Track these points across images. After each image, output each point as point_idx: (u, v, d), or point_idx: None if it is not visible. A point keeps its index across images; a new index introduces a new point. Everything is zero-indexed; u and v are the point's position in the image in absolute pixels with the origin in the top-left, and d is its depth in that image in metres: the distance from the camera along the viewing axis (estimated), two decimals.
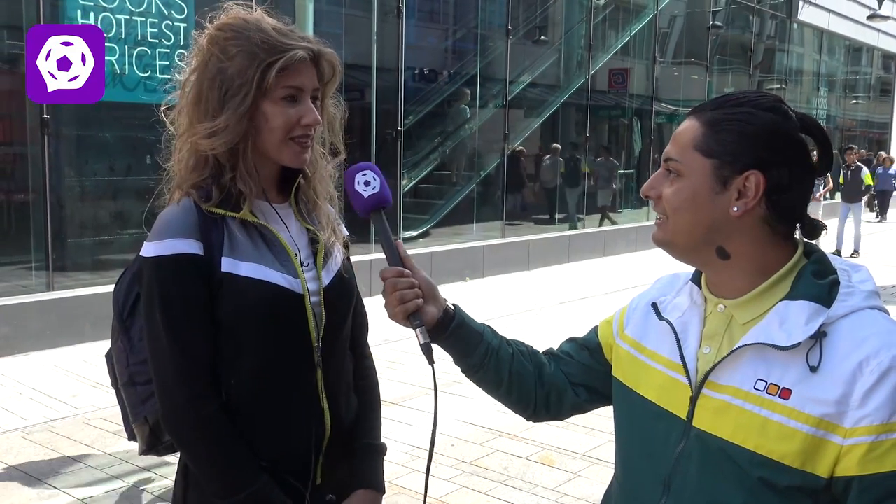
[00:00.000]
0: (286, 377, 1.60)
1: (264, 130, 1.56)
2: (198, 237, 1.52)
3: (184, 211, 1.54)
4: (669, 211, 1.29)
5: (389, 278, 1.43)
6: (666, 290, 1.45)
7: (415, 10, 11.41)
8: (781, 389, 1.18)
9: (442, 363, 1.49)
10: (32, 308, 6.96)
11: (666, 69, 16.80)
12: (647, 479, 1.34)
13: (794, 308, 1.21)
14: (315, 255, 1.66)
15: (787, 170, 1.23)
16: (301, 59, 1.54)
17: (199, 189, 1.56)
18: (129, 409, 1.68)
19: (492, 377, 1.53)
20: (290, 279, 1.58)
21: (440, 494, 4.22)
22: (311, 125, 1.58)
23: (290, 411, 1.60)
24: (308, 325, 1.60)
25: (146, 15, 7.54)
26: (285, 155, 1.59)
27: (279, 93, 1.54)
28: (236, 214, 1.56)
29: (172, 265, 1.51)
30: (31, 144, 7.29)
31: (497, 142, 12.16)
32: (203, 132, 1.53)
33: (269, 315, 1.56)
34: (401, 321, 1.44)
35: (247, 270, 1.54)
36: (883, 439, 1.11)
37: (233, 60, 1.52)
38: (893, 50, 25.98)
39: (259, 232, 1.59)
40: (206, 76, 1.55)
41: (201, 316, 1.52)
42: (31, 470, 4.49)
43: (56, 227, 7.36)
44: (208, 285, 1.52)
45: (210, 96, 1.54)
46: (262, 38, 1.52)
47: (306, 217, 1.69)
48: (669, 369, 1.34)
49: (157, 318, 1.51)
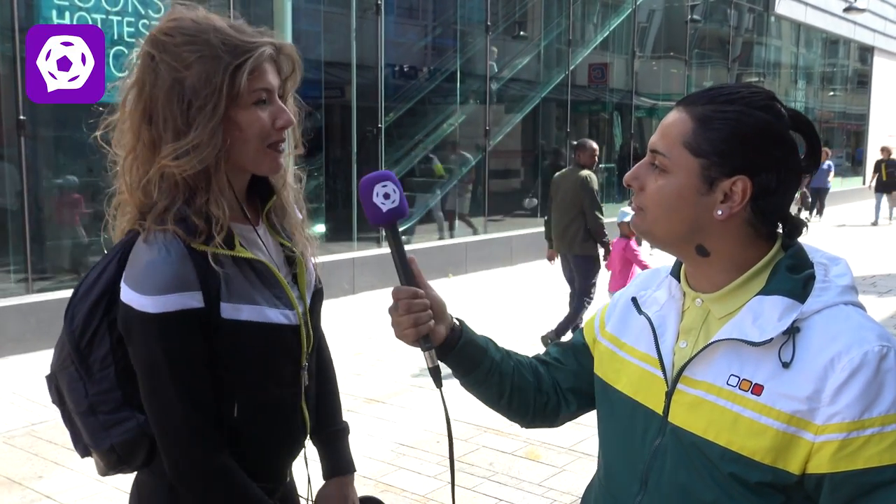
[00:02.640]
0: (278, 403, 1.58)
1: (238, 141, 1.43)
2: (197, 287, 1.41)
3: (177, 259, 1.40)
4: (651, 205, 1.27)
5: (403, 299, 1.37)
6: (646, 284, 1.45)
7: (394, 7, 11.38)
8: (753, 385, 1.17)
9: (420, 358, 1.48)
10: (11, 312, 6.89)
11: (645, 63, 16.87)
12: (625, 475, 1.34)
13: (768, 303, 1.20)
14: (295, 275, 1.60)
15: (774, 175, 1.21)
16: (269, 57, 1.43)
17: (183, 223, 1.41)
18: (90, 437, 1.55)
19: (494, 391, 1.50)
20: (288, 313, 1.53)
21: (426, 491, 4.22)
22: (286, 127, 1.47)
23: (278, 430, 1.58)
24: (303, 350, 1.59)
25: (122, 14, 7.48)
26: (263, 164, 1.48)
27: (251, 97, 1.41)
28: (230, 252, 1.44)
29: (176, 323, 1.39)
30: (7, 147, 7.21)
31: (478, 138, 12.16)
32: (170, 154, 1.38)
33: (272, 354, 1.53)
34: (410, 342, 1.39)
35: (248, 314, 1.46)
36: (854, 436, 1.10)
37: (191, 68, 1.37)
38: (870, 42, 26.21)
39: (250, 265, 1.49)
40: (158, 89, 1.39)
41: (205, 370, 1.45)
42: (14, 475, 4.45)
43: (34, 230, 7.29)
44: (207, 334, 1.44)
45: (168, 112, 1.39)
46: (222, 38, 1.39)
47: (280, 231, 1.61)
48: (646, 364, 1.34)
49: (165, 378, 1.42)
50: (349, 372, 6.24)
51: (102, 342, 1.51)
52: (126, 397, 1.50)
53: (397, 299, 1.38)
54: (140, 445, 1.53)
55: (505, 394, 1.50)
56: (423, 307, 1.37)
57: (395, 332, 1.40)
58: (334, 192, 10.87)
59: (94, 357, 1.53)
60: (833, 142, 25.51)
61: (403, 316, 1.37)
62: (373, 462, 4.58)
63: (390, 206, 1.39)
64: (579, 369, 1.52)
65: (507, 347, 1.56)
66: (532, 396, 1.51)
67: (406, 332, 1.37)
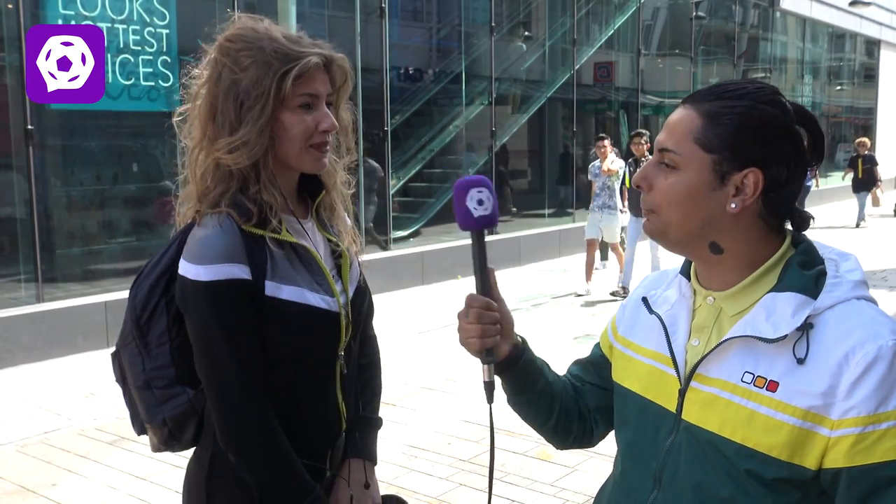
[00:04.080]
0: (313, 386, 1.66)
1: (283, 140, 1.57)
2: (245, 261, 1.54)
3: (228, 234, 1.54)
4: (663, 203, 1.27)
5: (476, 308, 1.37)
6: (655, 284, 1.45)
7: (398, 10, 11.40)
8: (768, 382, 1.17)
9: (430, 361, 1.48)
10: (23, 321, 6.92)
11: (651, 61, 16.83)
12: (639, 474, 1.34)
13: (781, 300, 1.20)
14: (339, 267, 1.70)
15: (784, 166, 1.22)
16: (315, 66, 1.55)
17: (236, 206, 1.56)
18: (145, 412, 1.67)
19: (543, 412, 1.50)
20: (328, 300, 1.63)
21: (438, 493, 4.22)
22: (329, 130, 1.60)
23: (307, 410, 1.66)
24: (340, 339, 1.67)
25: (128, 22, 7.51)
26: (306, 162, 1.61)
27: (296, 101, 1.55)
28: (276, 235, 1.58)
29: (227, 290, 1.52)
30: (16, 156, 7.25)
31: (484, 139, 12.16)
32: (224, 148, 1.54)
33: (308, 335, 1.62)
34: (472, 352, 1.38)
35: (289, 294, 1.57)
36: (870, 430, 1.10)
37: (246, 71, 1.53)
38: (876, 36, 26.10)
39: (295, 251, 1.61)
40: (220, 89, 1.55)
41: (256, 338, 1.55)
42: (27, 483, 4.47)
43: (44, 239, 7.32)
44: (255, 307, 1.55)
45: (226, 109, 1.54)
46: (275, 46, 1.53)
47: (327, 228, 1.73)
48: (658, 362, 1.34)
49: (218, 341, 1.53)
50: None
51: (160, 319, 1.63)
52: (179, 374, 1.62)
53: (470, 306, 1.37)
54: (190, 420, 1.65)
55: (553, 416, 1.50)
56: (493, 320, 1.38)
57: (459, 338, 1.39)
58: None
59: (152, 334, 1.64)
60: (841, 136, 25.42)
61: (472, 324, 1.36)
62: (384, 465, 4.58)
63: (482, 213, 1.38)
64: (602, 384, 1.52)
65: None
66: (576, 420, 1.52)
67: (470, 340, 1.37)
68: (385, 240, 10.37)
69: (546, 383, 1.47)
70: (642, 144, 9.50)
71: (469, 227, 1.39)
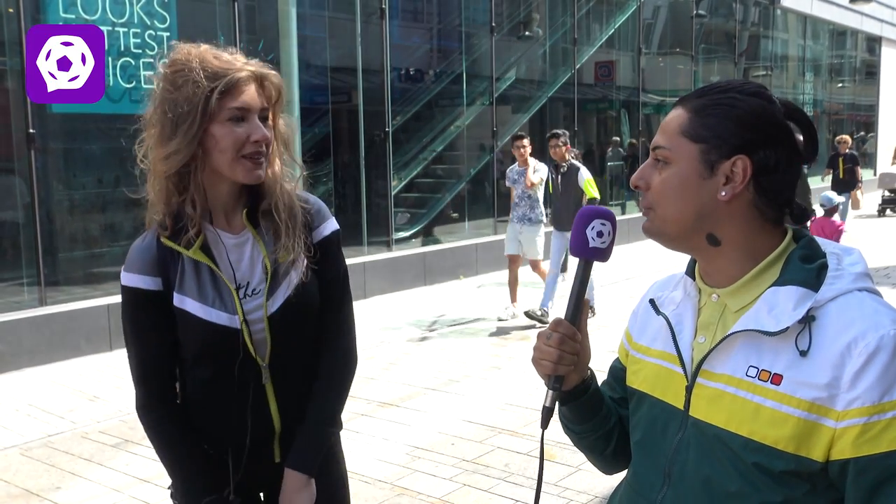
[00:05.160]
0: (231, 389, 1.79)
1: (215, 151, 1.69)
2: (156, 273, 1.76)
3: (146, 248, 1.77)
4: (658, 200, 1.29)
5: (560, 334, 1.37)
6: (663, 286, 1.46)
7: (398, 11, 11.40)
8: (773, 375, 1.19)
9: (433, 362, 1.49)
10: (26, 324, 6.92)
11: (651, 60, 16.83)
12: (649, 472, 1.35)
13: (783, 293, 1.21)
14: (267, 281, 1.79)
15: (772, 151, 1.24)
16: (240, 81, 1.67)
17: (161, 218, 1.76)
18: None
19: (601, 441, 1.51)
20: (226, 316, 1.76)
21: (442, 494, 4.22)
22: (261, 141, 1.70)
23: (235, 415, 1.80)
24: (249, 352, 1.77)
25: (129, 26, 7.52)
26: (239, 173, 1.71)
27: (225, 114, 1.68)
28: (187, 252, 1.74)
29: (135, 297, 1.78)
30: (17, 160, 7.26)
31: (486, 139, 12.16)
32: (159, 157, 1.70)
33: (209, 346, 1.78)
34: (541, 374, 1.39)
35: (191, 307, 1.75)
36: (875, 420, 1.11)
37: (180, 91, 1.67)
38: (877, 32, 26.07)
39: (206, 267, 1.76)
40: (160, 109, 1.70)
41: (149, 337, 1.80)
42: (32, 486, 4.47)
43: (46, 242, 7.33)
44: (169, 312, 1.77)
45: (164, 125, 1.69)
46: (204, 66, 1.67)
47: (265, 239, 1.81)
48: (665, 361, 1.36)
49: (128, 337, 1.82)
50: (362, 376, 6.24)
51: None
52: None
53: (555, 330, 1.37)
54: None
55: (611, 445, 1.51)
56: (573, 350, 1.38)
57: (533, 356, 1.40)
58: (343, 197, 10.89)
59: None
60: (842, 133, 25.39)
61: (552, 348, 1.37)
62: (388, 466, 4.58)
63: (597, 245, 1.38)
64: (626, 397, 1.52)
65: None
66: (627, 445, 1.52)
67: (544, 363, 1.37)
68: (387, 240, 10.36)
69: (609, 412, 1.49)
70: (559, 147, 8.14)
71: (580, 255, 1.40)
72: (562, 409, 1.48)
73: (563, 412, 1.50)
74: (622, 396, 1.52)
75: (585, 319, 1.42)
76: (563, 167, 8.21)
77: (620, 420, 1.51)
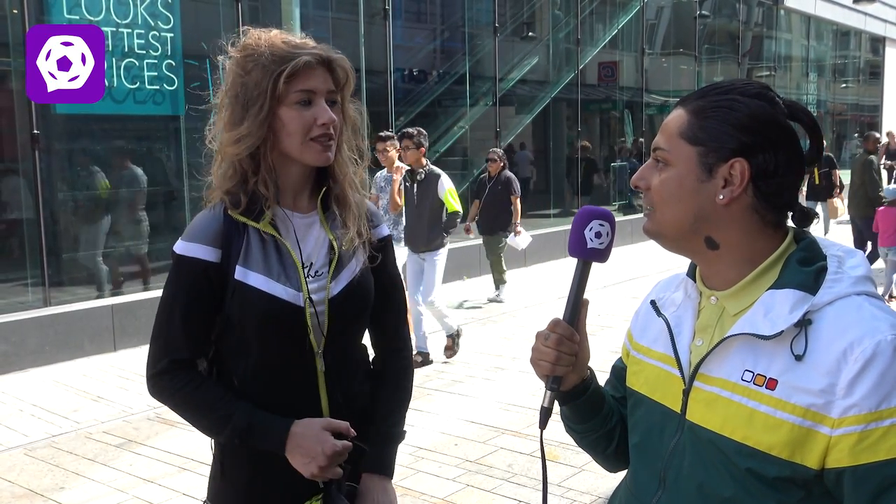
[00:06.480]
0: (284, 374, 1.76)
1: (283, 134, 1.70)
2: (218, 245, 1.73)
3: (212, 218, 1.75)
4: (658, 201, 1.28)
5: (558, 335, 1.37)
6: (665, 287, 1.46)
7: (401, 11, 11.40)
8: (768, 380, 1.17)
9: (436, 362, 1.49)
10: (30, 324, 6.94)
11: (655, 60, 16.81)
12: (645, 475, 1.35)
13: (779, 296, 1.19)
14: (330, 264, 1.79)
15: (772, 155, 1.22)
16: (307, 64, 1.68)
17: (231, 195, 1.74)
18: None
19: (603, 440, 1.51)
20: (291, 292, 1.73)
21: (445, 494, 4.22)
22: (328, 124, 1.70)
23: (286, 402, 1.75)
24: (308, 334, 1.74)
25: (132, 26, 7.53)
26: (308, 155, 1.73)
27: (292, 98, 1.68)
28: (256, 224, 1.73)
29: (187, 265, 1.73)
30: (22, 161, 7.28)
31: (489, 140, 12.16)
32: (229, 140, 1.71)
33: (270, 322, 1.73)
34: (539, 374, 1.39)
35: (255, 281, 1.72)
36: (873, 427, 1.09)
37: (250, 75, 1.68)
38: (881, 33, 26.01)
39: (273, 243, 1.75)
40: (231, 93, 1.72)
41: (192, 307, 1.74)
42: (36, 486, 4.48)
43: (50, 243, 7.35)
44: (220, 287, 1.73)
45: (235, 109, 1.71)
46: (272, 50, 1.68)
47: (332, 224, 1.82)
48: (664, 363, 1.35)
49: (166, 299, 1.76)
50: None
51: None
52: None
53: (552, 331, 1.37)
54: None
55: (613, 443, 1.51)
56: (571, 351, 1.38)
57: (531, 356, 1.40)
58: None
59: None
60: (846, 134, 25.35)
61: (549, 348, 1.36)
62: None
63: (595, 246, 1.38)
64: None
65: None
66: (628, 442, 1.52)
67: (542, 363, 1.37)
68: None
69: (610, 411, 1.49)
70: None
71: (577, 255, 1.40)
72: (563, 408, 1.48)
73: (564, 412, 1.50)
74: (624, 396, 1.52)
75: (584, 320, 1.41)
76: (421, 174, 6.86)
77: (622, 419, 1.51)
